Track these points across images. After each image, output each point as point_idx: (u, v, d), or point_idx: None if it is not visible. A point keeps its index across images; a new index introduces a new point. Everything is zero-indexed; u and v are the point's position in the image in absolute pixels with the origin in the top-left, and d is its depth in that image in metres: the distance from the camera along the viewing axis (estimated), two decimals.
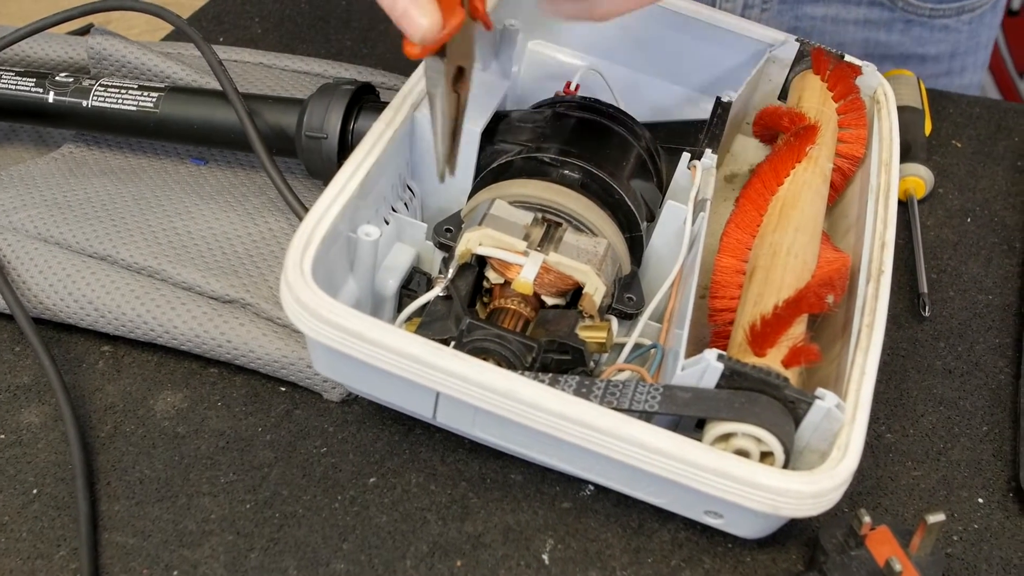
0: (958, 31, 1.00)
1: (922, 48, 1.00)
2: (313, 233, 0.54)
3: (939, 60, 1.01)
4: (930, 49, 1.00)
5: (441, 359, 0.51)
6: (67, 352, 0.67)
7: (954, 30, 1.00)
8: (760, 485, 0.50)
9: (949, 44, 1.01)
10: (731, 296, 0.62)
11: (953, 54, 1.02)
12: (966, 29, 1.00)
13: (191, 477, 0.60)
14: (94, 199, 0.72)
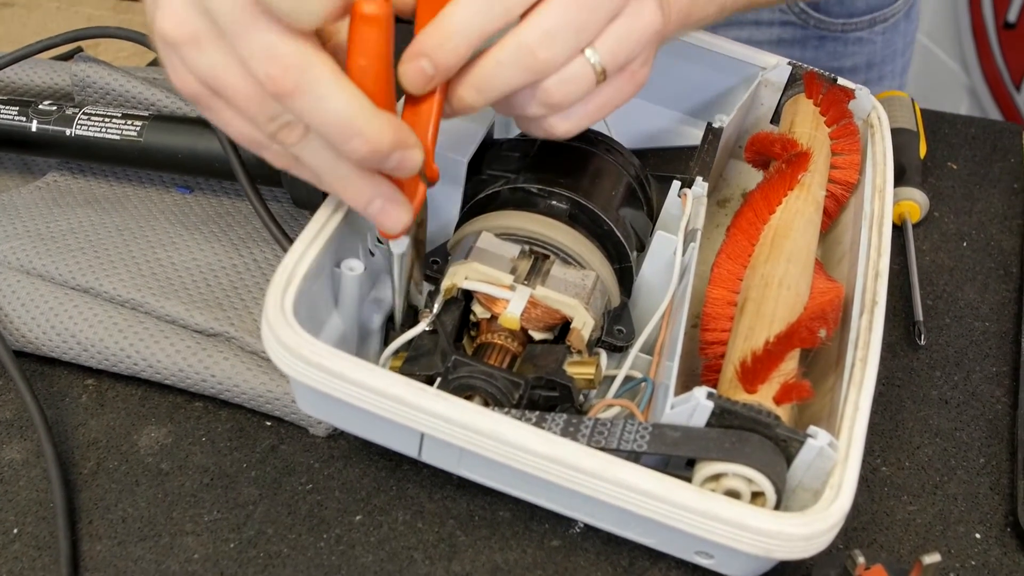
0: (872, 42, 1.01)
1: (838, 61, 1.01)
2: (294, 270, 0.54)
3: (856, 71, 1.02)
4: (846, 62, 1.01)
5: (425, 400, 0.50)
6: (50, 386, 0.66)
7: (868, 41, 1.01)
8: (751, 528, 0.49)
9: (864, 55, 1.02)
10: (722, 328, 0.61)
11: (870, 64, 1.03)
12: (880, 39, 1.01)
13: (174, 515, 0.59)
14: (77, 230, 0.71)
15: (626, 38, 0.54)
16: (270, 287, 0.53)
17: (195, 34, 0.48)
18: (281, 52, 0.46)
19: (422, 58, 0.51)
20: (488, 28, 0.51)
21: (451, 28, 0.50)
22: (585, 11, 0.52)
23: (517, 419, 0.51)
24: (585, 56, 0.53)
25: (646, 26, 0.55)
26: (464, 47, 0.51)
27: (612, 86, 0.56)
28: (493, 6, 0.51)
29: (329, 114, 0.47)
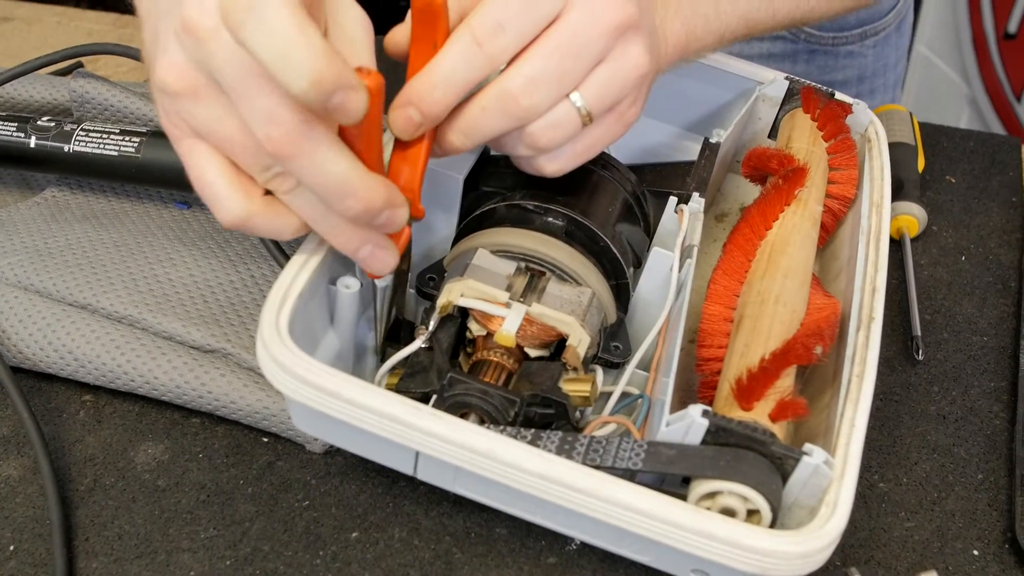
0: (863, 55, 1.01)
1: (828, 75, 1.01)
2: (290, 289, 0.54)
3: (847, 85, 1.02)
4: (837, 75, 1.01)
5: (419, 419, 0.50)
6: (47, 401, 0.66)
7: (859, 55, 1.01)
8: (746, 546, 0.49)
9: (856, 69, 1.02)
10: (718, 345, 0.61)
11: (861, 78, 1.03)
12: (871, 53, 1.02)
13: (171, 532, 0.59)
14: (75, 246, 0.71)
15: (612, 82, 0.56)
16: (265, 305, 0.53)
17: (195, 87, 0.50)
18: (283, 117, 0.47)
19: (410, 107, 0.53)
20: (473, 78, 0.54)
21: (437, 78, 0.53)
22: (568, 58, 0.54)
23: (512, 437, 0.51)
24: (570, 100, 0.56)
25: (633, 69, 0.57)
26: (450, 97, 0.54)
27: (600, 127, 0.58)
28: (477, 57, 0.53)
29: (327, 176, 0.49)
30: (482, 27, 0.53)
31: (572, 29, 0.54)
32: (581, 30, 0.54)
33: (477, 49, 0.53)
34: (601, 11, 0.54)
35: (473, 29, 0.53)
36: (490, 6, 0.53)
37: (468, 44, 0.53)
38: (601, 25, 0.54)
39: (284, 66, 0.44)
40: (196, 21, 0.47)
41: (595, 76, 0.55)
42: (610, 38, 0.55)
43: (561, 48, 0.54)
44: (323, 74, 0.44)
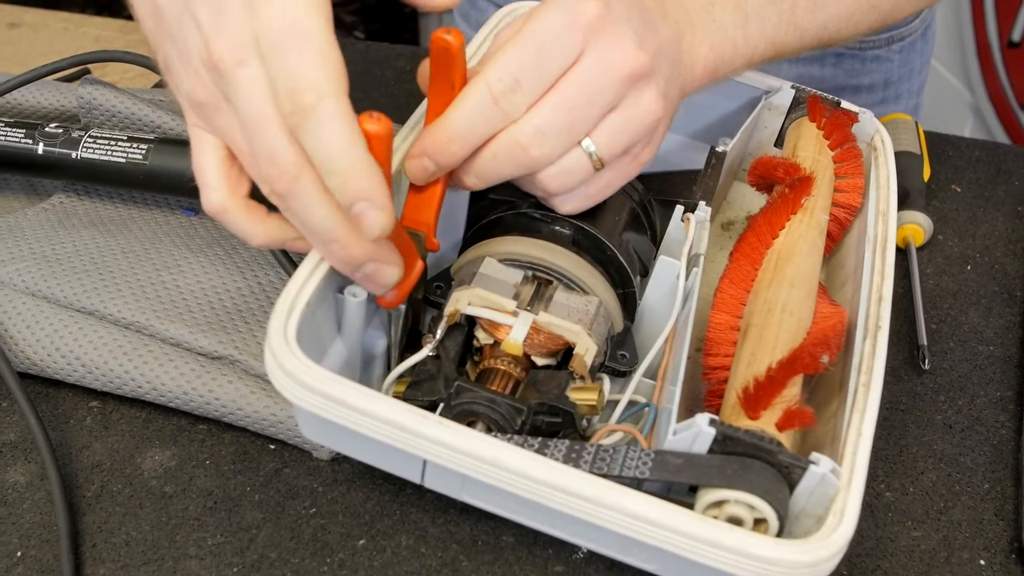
0: (889, 60, 1.01)
1: (855, 80, 1.01)
2: (297, 298, 0.54)
3: (873, 90, 1.02)
4: (863, 80, 1.01)
5: (426, 427, 0.50)
6: (55, 408, 0.66)
7: (886, 60, 1.01)
8: (753, 555, 0.49)
9: (882, 74, 1.02)
10: (725, 354, 0.61)
11: (887, 83, 1.03)
12: (897, 58, 1.01)
13: (178, 539, 0.59)
14: (83, 252, 0.72)
15: (624, 129, 0.58)
16: (273, 314, 0.53)
17: (216, 102, 0.52)
18: (282, 159, 0.50)
19: (425, 157, 0.56)
20: (488, 133, 0.56)
21: (454, 133, 0.55)
22: (579, 108, 0.56)
23: (519, 445, 0.51)
24: (582, 148, 0.57)
25: (645, 115, 0.58)
26: (465, 150, 0.56)
27: (613, 170, 0.60)
28: (493, 113, 0.55)
29: (314, 220, 0.51)
30: (499, 83, 0.54)
31: (583, 80, 0.55)
32: (592, 80, 0.55)
33: (493, 106, 0.54)
34: (612, 61, 0.55)
35: (490, 85, 0.54)
36: (506, 60, 0.54)
37: (485, 100, 0.54)
38: (612, 75, 0.56)
39: (327, 169, 0.49)
40: (220, 55, 0.49)
41: (607, 123, 0.57)
42: (621, 87, 0.56)
43: (572, 99, 0.55)
44: (358, 191, 0.49)
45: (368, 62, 1.01)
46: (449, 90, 0.55)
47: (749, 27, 0.66)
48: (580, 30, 0.55)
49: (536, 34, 0.55)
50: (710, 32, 0.64)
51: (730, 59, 0.66)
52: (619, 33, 0.56)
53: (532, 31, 0.55)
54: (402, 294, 0.58)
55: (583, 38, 0.55)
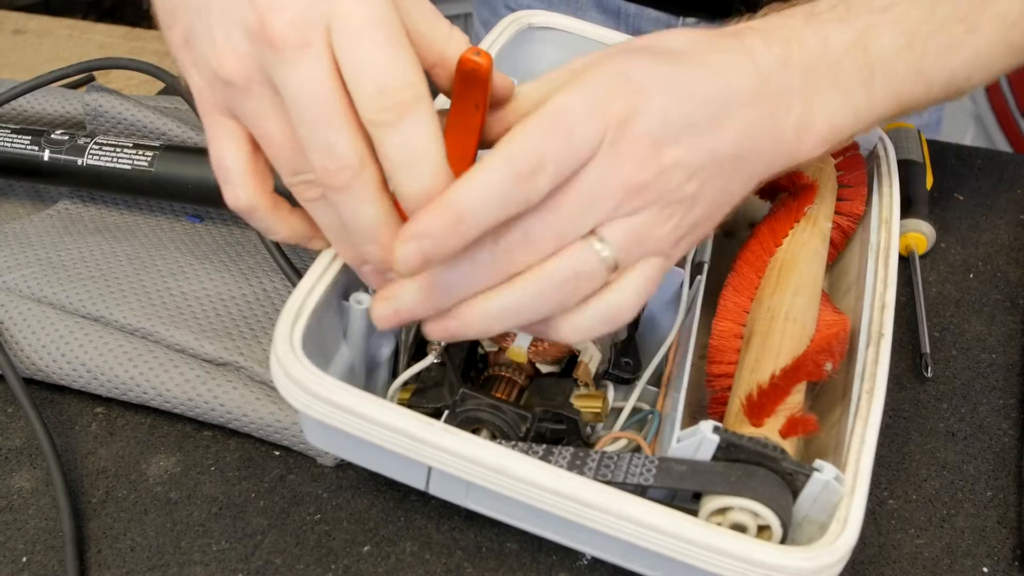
0: None
1: None
2: (303, 305, 0.54)
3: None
4: None
5: (432, 434, 0.50)
6: (60, 413, 0.67)
7: None
8: (757, 562, 0.49)
9: None
10: (728, 361, 0.61)
11: None
12: None
13: (183, 545, 0.60)
14: (88, 258, 0.72)
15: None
16: (279, 321, 0.53)
17: (250, 82, 0.49)
18: (343, 154, 0.48)
19: (425, 240, 0.47)
20: (504, 217, 0.48)
21: (464, 210, 0.47)
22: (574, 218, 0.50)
23: (524, 453, 0.51)
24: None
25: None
26: (473, 235, 0.48)
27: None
28: (515, 194, 0.47)
29: (361, 218, 0.49)
30: (522, 163, 0.47)
31: (590, 184, 0.49)
32: (599, 187, 0.49)
33: (515, 190, 0.47)
34: (613, 172, 0.49)
35: (515, 162, 0.47)
36: (531, 135, 0.48)
37: (506, 181, 0.47)
38: (614, 183, 0.50)
39: (404, 175, 0.47)
40: (280, 32, 0.47)
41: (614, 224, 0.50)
42: (616, 202, 0.50)
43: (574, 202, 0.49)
44: (431, 194, 0.47)
45: None
46: (473, 111, 0.51)
47: (874, 85, 0.58)
48: (605, 121, 0.49)
49: (564, 115, 0.49)
50: (830, 100, 0.57)
51: (851, 125, 0.58)
52: (636, 137, 0.50)
53: (560, 110, 0.49)
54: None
55: (606, 129, 0.49)
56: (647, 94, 0.50)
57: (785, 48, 0.55)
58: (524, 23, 0.74)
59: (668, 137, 0.50)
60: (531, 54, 0.75)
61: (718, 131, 0.52)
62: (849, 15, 0.58)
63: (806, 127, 0.56)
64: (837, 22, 0.57)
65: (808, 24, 0.57)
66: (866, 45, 0.58)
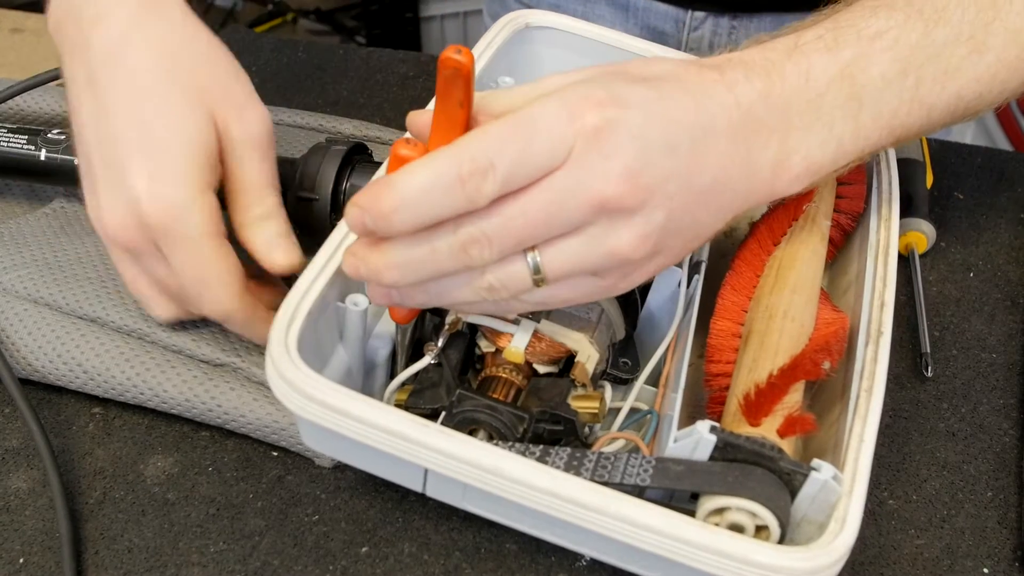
0: None
1: None
2: (299, 307, 0.54)
3: None
4: None
5: (427, 436, 0.50)
6: (57, 414, 0.67)
7: None
8: (755, 562, 0.49)
9: None
10: (727, 360, 0.61)
11: None
12: None
13: (180, 546, 0.59)
14: (84, 259, 0.72)
15: (579, 257, 0.51)
16: (274, 323, 0.53)
17: (138, 246, 0.59)
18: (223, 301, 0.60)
19: (365, 214, 0.49)
20: (442, 214, 0.49)
21: (402, 200, 0.48)
22: (535, 226, 0.50)
23: (520, 454, 0.51)
24: (526, 259, 0.51)
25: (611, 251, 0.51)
26: (407, 225, 0.49)
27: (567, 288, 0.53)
28: (455, 193, 0.48)
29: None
30: (472, 162, 0.47)
31: (549, 196, 0.49)
32: (557, 199, 0.49)
33: (458, 186, 0.47)
34: (585, 182, 0.49)
35: (461, 162, 0.47)
36: (488, 137, 0.48)
37: (450, 176, 0.47)
38: (580, 198, 0.49)
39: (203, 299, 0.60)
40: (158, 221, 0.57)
41: (564, 245, 0.50)
42: (589, 213, 0.49)
43: (531, 213, 0.49)
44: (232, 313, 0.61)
45: (371, 68, 1.01)
46: (457, 108, 0.51)
47: (862, 117, 0.57)
48: (574, 134, 0.48)
49: (531, 123, 0.48)
50: (810, 136, 0.56)
51: (831, 162, 0.57)
52: (609, 152, 0.49)
53: (529, 118, 0.49)
54: (415, 310, 0.58)
55: (573, 144, 0.48)
56: (625, 110, 0.49)
57: (767, 82, 0.55)
58: (521, 23, 0.74)
59: (642, 157, 0.49)
60: (529, 54, 0.75)
61: (694, 160, 0.51)
62: (836, 45, 0.57)
63: (782, 164, 0.55)
64: (823, 52, 0.57)
65: (790, 57, 0.56)
66: (853, 76, 0.57)
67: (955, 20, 0.59)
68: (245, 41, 1.05)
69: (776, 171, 0.55)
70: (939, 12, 0.59)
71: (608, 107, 0.49)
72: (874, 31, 0.58)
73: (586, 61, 0.74)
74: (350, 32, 2.29)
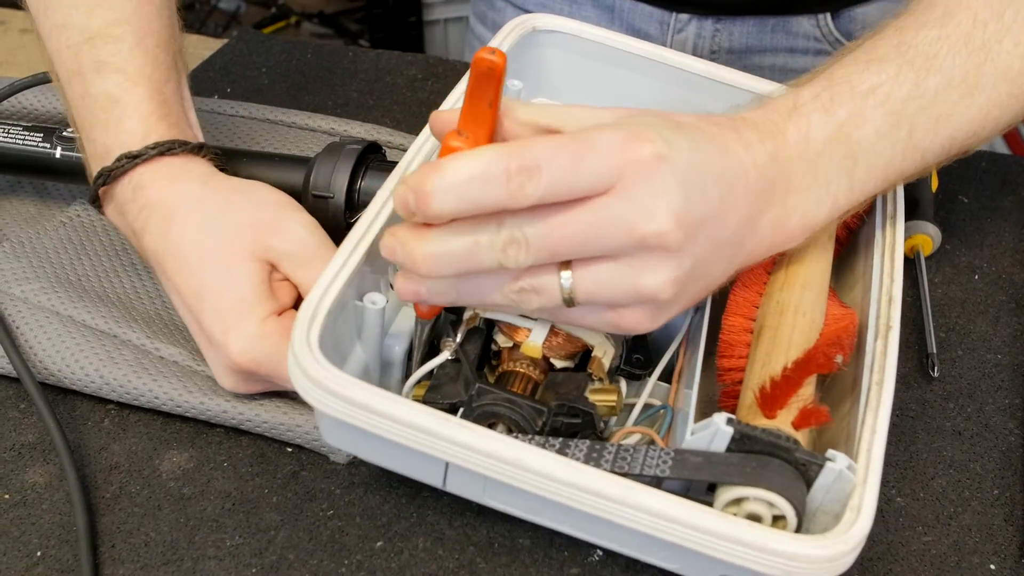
0: None
1: None
2: (319, 305, 0.54)
3: None
4: None
5: (448, 429, 0.51)
6: (72, 410, 0.67)
7: None
8: (773, 551, 0.49)
9: None
10: (739, 355, 0.61)
11: None
12: None
13: (196, 540, 0.60)
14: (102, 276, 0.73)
15: (611, 285, 0.53)
16: (296, 322, 0.53)
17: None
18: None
19: (409, 193, 0.50)
20: (482, 204, 0.50)
21: (447, 184, 0.49)
22: (572, 240, 0.51)
23: (540, 446, 0.52)
24: (560, 278, 0.53)
25: (643, 287, 0.52)
26: (447, 208, 0.50)
27: (590, 313, 0.55)
28: (498, 186, 0.49)
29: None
30: (521, 160, 0.49)
31: (593, 217, 0.50)
32: (601, 223, 0.50)
33: (503, 179, 0.49)
34: (631, 215, 0.50)
35: (511, 157, 0.49)
36: (542, 146, 0.50)
37: (498, 168, 0.49)
38: (623, 229, 0.50)
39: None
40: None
41: (598, 268, 0.52)
42: (629, 245, 0.51)
43: (570, 227, 0.50)
44: None
45: (379, 70, 1.02)
46: (486, 109, 0.52)
47: (857, 172, 0.59)
48: (625, 164, 0.50)
49: (586, 142, 0.50)
50: (807, 195, 0.58)
51: (827, 217, 0.59)
52: (659, 190, 0.50)
53: (585, 138, 0.50)
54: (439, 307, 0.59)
55: (622, 173, 0.50)
56: (674, 153, 0.51)
57: (774, 144, 0.56)
58: (529, 27, 0.75)
59: (687, 200, 0.51)
60: (536, 57, 0.76)
61: (722, 211, 0.54)
62: (832, 104, 0.58)
63: (781, 224, 0.58)
64: (820, 113, 0.58)
65: (791, 119, 0.58)
66: (849, 135, 0.58)
67: (946, 67, 0.60)
68: (254, 43, 1.06)
69: (775, 230, 0.57)
70: (930, 60, 0.60)
71: (661, 145, 0.51)
72: (867, 87, 0.59)
73: (592, 65, 0.75)
74: (353, 36, 2.29)
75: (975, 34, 0.61)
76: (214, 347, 0.63)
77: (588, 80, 0.75)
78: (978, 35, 0.61)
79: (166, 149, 0.66)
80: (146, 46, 0.69)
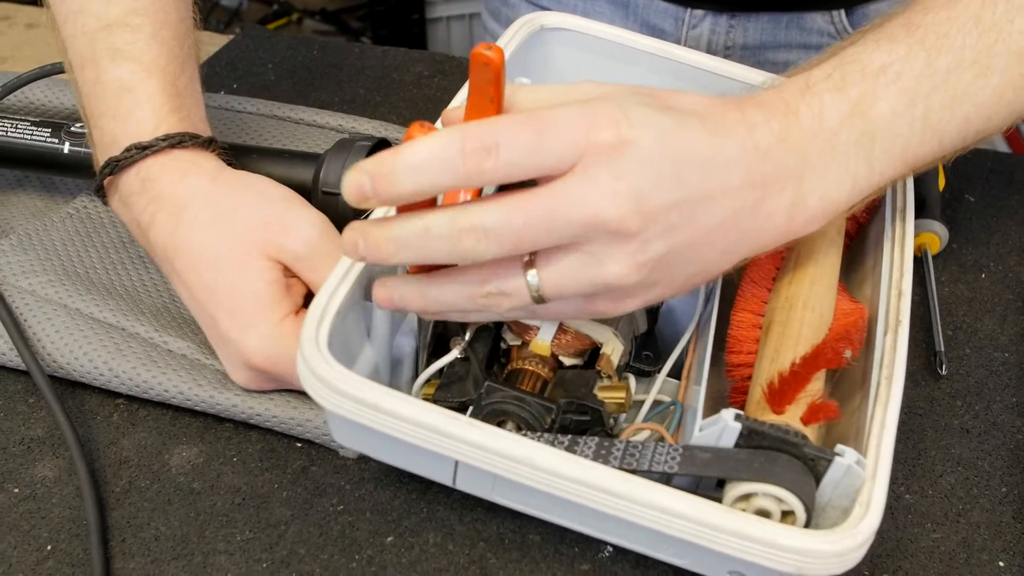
0: None
1: None
2: (328, 305, 0.54)
3: None
4: None
5: (457, 428, 0.51)
6: (81, 404, 0.67)
7: None
8: (783, 546, 0.49)
9: None
10: (748, 351, 0.61)
11: None
12: None
13: (207, 534, 0.60)
14: (110, 269, 0.73)
15: (575, 276, 0.52)
16: (305, 322, 0.54)
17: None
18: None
19: (366, 177, 0.49)
20: (439, 185, 0.49)
21: (402, 164, 0.49)
22: (533, 228, 0.50)
23: (550, 444, 0.52)
24: (526, 278, 0.52)
25: (604, 275, 0.52)
26: (405, 191, 0.49)
27: (566, 304, 0.55)
28: (455, 166, 0.49)
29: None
30: (477, 139, 0.48)
31: (551, 201, 0.49)
32: (558, 206, 0.49)
33: (459, 159, 0.48)
34: (586, 197, 0.49)
35: (466, 137, 0.48)
36: (500, 122, 0.49)
37: (453, 148, 0.48)
38: (577, 212, 0.49)
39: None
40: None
41: (561, 262, 0.52)
42: (585, 229, 0.50)
43: (532, 213, 0.49)
44: None
45: (386, 67, 1.02)
46: (487, 103, 0.53)
47: (875, 152, 0.58)
48: (588, 144, 0.49)
49: (547, 120, 0.49)
50: (826, 176, 0.57)
51: (847, 199, 0.58)
52: (620, 172, 0.49)
53: (547, 115, 0.49)
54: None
55: (584, 152, 0.49)
56: (641, 135, 0.50)
57: (784, 124, 0.55)
58: (537, 24, 0.75)
59: (649, 184, 0.50)
60: (544, 55, 0.76)
61: (703, 196, 0.52)
62: (844, 83, 0.58)
63: (797, 207, 0.56)
64: (832, 92, 0.57)
65: (803, 98, 0.57)
66: (864, 112, 0.57)
67: (957, 46, 0.60)
68: (260, 39, 1.06)
69: (792, 214, 0.56)
70: (940, 39, 0.59)
71: (626, 128, 0.50)
72: (878, 66, 0.58)
73: (601, 62, 0.75)
74: (356, 33, 2.29)
75: (984, 14, 0.60)
76: (229, 344, 0.63)
77: (597, 78, 0.75)
78: (988, 15, 0.60)
79: (177, 142, 0.66)
80: (162, 38, 0.69)
